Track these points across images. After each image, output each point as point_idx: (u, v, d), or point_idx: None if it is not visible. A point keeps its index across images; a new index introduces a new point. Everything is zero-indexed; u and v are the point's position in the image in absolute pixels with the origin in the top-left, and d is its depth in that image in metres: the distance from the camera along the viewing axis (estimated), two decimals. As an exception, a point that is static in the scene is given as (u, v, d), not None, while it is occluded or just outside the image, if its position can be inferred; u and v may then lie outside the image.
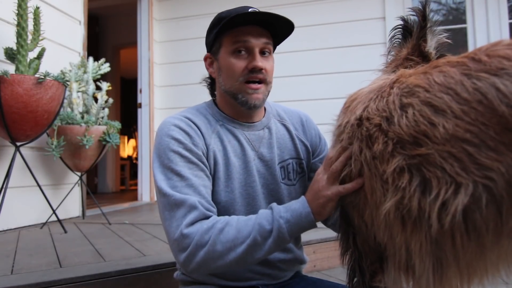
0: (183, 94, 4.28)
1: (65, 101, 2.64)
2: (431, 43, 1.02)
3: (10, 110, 2.14)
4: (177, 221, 0.91)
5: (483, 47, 0.69)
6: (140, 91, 4.32)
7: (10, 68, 2.30)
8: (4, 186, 2.19)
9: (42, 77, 2.21)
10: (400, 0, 3.74)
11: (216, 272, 1.03)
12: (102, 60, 2.99)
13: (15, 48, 2.31)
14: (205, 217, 0.92)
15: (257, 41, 1.02)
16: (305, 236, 1.29)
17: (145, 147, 4.27)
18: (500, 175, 0.61)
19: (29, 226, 2.62)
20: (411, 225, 0.70)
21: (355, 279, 0.91)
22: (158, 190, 0.97)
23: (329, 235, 2.00)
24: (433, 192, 0.66)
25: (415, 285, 0.77)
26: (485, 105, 0.63)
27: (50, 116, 2.34)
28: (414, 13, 1.04)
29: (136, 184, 4.60)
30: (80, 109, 2.79)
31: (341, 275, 1.01)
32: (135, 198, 4.40)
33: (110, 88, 3.02)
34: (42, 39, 2.42)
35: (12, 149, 2.33)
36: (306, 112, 1.25)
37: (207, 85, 1.18)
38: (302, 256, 1.18)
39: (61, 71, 2.76)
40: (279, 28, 1.05)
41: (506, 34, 3.54)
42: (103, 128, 2.76)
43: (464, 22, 3.72)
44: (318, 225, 1.26)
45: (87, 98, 2.83)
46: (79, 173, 2.86)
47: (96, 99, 2.89)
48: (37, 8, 2.38)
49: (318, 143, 1.19)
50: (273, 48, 1.11)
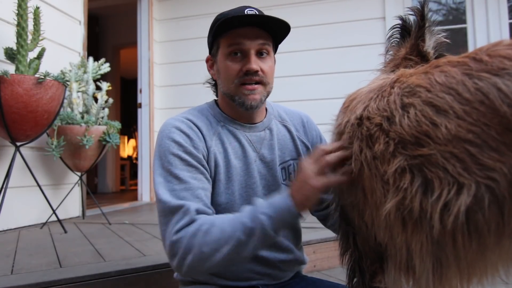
0: (183, 94, 4.28)
1: (65, 101, 2.64)
2: (430, 43, 1.02)
3: (10, 110, 2.14)
4: (170, 227, 0.92)
5: (484, 47, 0.69)
6: (140, 91, 4.32)
7: (10, 68, 2.30)
8: (4, 186, 2.18)
9: (42, 77, 2.21)
10: (400, 0, 3.74)
11: (212, 272, 1.02)
12: (102, 60, 2.99)
13: (15, 48, 2.30)
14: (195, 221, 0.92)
15: (253, 43, 1.01)
16: (305, 236, 1.29)
17: (145, 147, 4.27)
18: (502, 176, 0.61)
19: (29, 226, 2.62)
20: (412, 226, 0.70)
21: (355, 280, 0.90)
22: (155, 195, 0.98)
23: (329, 235, 1.99)
24: (435, 193, 0.66)
25: (415, 285, 0.77)
26: (487, 106, 0.63)
27: (50, 116, 2.34)
28: (413, 13, 1.04)
29: (136, 184, 4.60)
30: (80, 109, 2.78)
31: (341, 275, 1.00)
32: (135, 198, 4.40)
33: (110, 88, 3.02)
34: (42, 39, 2.42)
35: (12, 149, 2.33)
36: (307, 113, 1.25)
37: (211, 86, 1.18)
38: (303, 257, 1.18)
39: (61, 71, 2.76)
40: (275, 29, 1.05)
41: (506, 34, 3.53)
42: (103, 128, 2.75)
43: (464, 22, 3.72)
44: (318, 225, 1.27)
45: (87, 98, 2.82)
46: (79, 173, 2.86)
47: (96, 99, 2.88)
48: (37, 8, 2.38)
49: (319, 144, 1.19)
50: (275, 48, 1.11)
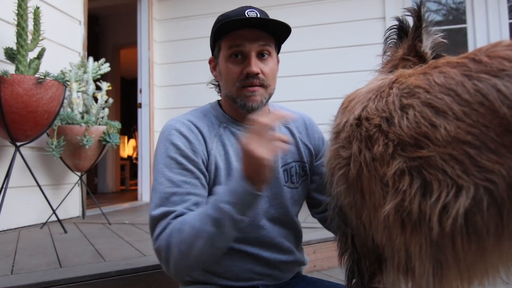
0: (183, 94, 4.28)
1: (65, 101, 2.64)
2: (427, 43, 1.02)
3: (10, 110, 2.14)
4: (153, 237, 0.95)
5: (483, 48, 0.69)
6: (140, 91, 4.32)
7: (10, 68, 2.30)
8: (4, 186, 2.18)
9: (42, 77, 2.21)
10: (400, 0, 3.74)
11: (202, 267, 1.03)
12: (102, 60, 2.98)
13: (15, 48, 2.30)
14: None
15: (253, 45, 1.01)
16: (305, 236, 1.29)
17: (145, 147, 4.27)
18: (501, 178, 0.60)
19: (29, 226, 2.62)
20: (411, 228, 0.70)
21: (354, 280, 0.90)
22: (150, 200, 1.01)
23: (329, 235, 1.97)
24: (434, 195, 0.65)
25: (414, 286, 0.76)
26: (486, 107, 0.62)
27: (50, 116, 2.34)
28: (409, 14, 1.03)
29: (136, 184, 4.60)
30: (80, 109, 2.78)
31: (341, 275, 1.00)
32: (135, 198, 4.40)
33: (110, 88, 3.02)
34: (42, 39, 2.42)
35: (12, 149, 2.33)
36: (309, 115, 1.24)
37: (215, 87, 1.17)
38: (303, 258, 1.18)
39: (61, 71, 2.76)
40: (276, 30, 1.05)
41: (506, 34, 3.53)
42: (103, 128, 2.75)
43: (464, 22, 3.72)
44: (318, 225, 1.27)
45: (87, 98, 2.82)
46: (79, 173, 2.86)
47: (96, 99, 2.88)
48: (37, 8, 2.38)
49: (321, 146, 1.19)
50: (277, 48, 1.10)
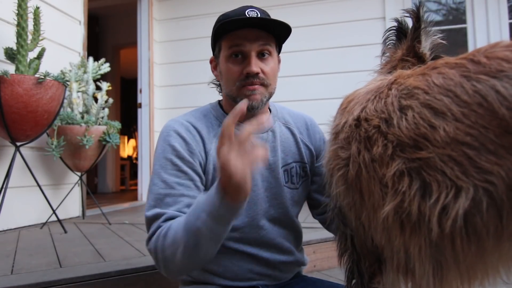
0: (183, 94, 4.28)
1: (65, 101, 2.64)
2: (426, 44, 1.02)
3: (10, 110, 2.14)
4: (147, 237, 0.96)
5: (482, 49, 0.69)
6: (140, 91, 4.32)
7: (10, 68, 2.30)
8: (4, 186, 2.18)
9: (42, 77, 2.21)
10: (400, 0, 3.74)
11: (201, 267, 1.04)
12: (102, 60, 2.98)
13: (15, 48, 2.30)
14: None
15: (253, 45, 1.01)
16: (305, 236, 1.29)
17: (145, 147, 4.27)
18: (500, 179, 0.60)
19: (29, 226, 2.62)
20: (410, 229, 0.70)
21: (354, 281, 0.90)
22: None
23: (329, 235, 1.97)
24: (433, 196, 0.65)
25: (414, 287, 0.77)
26: (485, 108, 0.62)
27: (50, 116, 2.34)
28: (408, 15, 1.03)
29: (136, 184, 4.60)
30: (80, 109, 2.78)
31: (341, 275, 1.00)
32: (135, 198, 4.40)
33: (110, 88, 3.02)
34: (42, 39, 2.42)
35: (12, 149, 2.33)
36: (309, 115, 1.24)
37: (216, 87, 1.17)
38: (303, 258, 1.18)
39: (61, 71, 2.76)
40: (276, 30, 1.04)
41: (506, 34, 3.53)
42: (103, 128, 2.75)
43: (464, 22, 3.72)
44: (318, 225, 1.26)
45: (87, 98, 2.82)
46: (79, 173, 2.86)
47: (96, 99, 2.88)
48: (37, 8, 2.38)
49: (322, 147, 1.18)
50: (278, 48, 1.10)
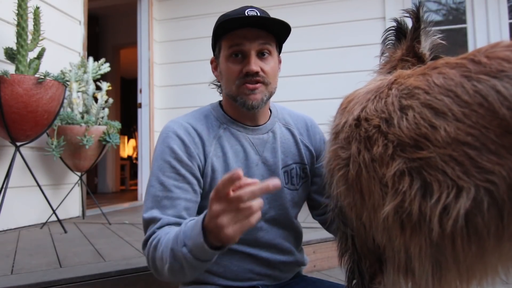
0: (183, 94, 4.28)
1: (65, 101, 2.63)
2: (425, 44, 1.02)
3: (10, 110, 2.14)
4: (143, 240, 0.96)
5: (482, 49, 0.69)
6: (140, 91, 4.32)
7: (10, 68, 2.30)
8: (4, 186, 2.18)
9: (42, 77, 2.21)
10: (400, 0, 3.74)
11: (182, 281, 1.04)
12: (102, 60, 2.98)
13: (15, 48, 2.30)
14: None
15: (253, 44, 1.00)
16: (305, 236, 1.29)
17: (145, 147, 4.27)
18: (502, 179, 0.60)
19: (29, 226, 2.62)
20: (411, 229, 0.70)
21: (354, 281, 0.90)
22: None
23: (329, 235, 1.96)
24: (434, 196, 0.65)
25: (414, 287, 0.77)
26: (486, 108, 0.62)
27: (50, 116, 2.34)
28: (408, 15, 1.03)
29: (136, 184, 4.60)
30: (80, 109, 2.78)
31: (341, 275, 1.00)
32: (135, 198, 4.40)
33: (110, 88, 3.01)
34: (42, 39, 2.42)
35: (12, 149, 2.33)
36: (309, 115, 1.24)
37: (217, 87, 1.17)
38: (303, 259, 1.18)
39: (61, 71, 2.76)
40: (276, 29, 1.04)
41: (506, 34, 3.53)
42: (103, 128, 2.75)
43: (464, 22, 3.72)
44: (318, 225, 1.26)
45: (87, 98, 2.82)
46: (79, 173, 2.86)
47: (96, 99, 2.88)
48: (37, 8, 2.38)
49: (323, 148, 1.17)
50: (279, 47, 1.10)
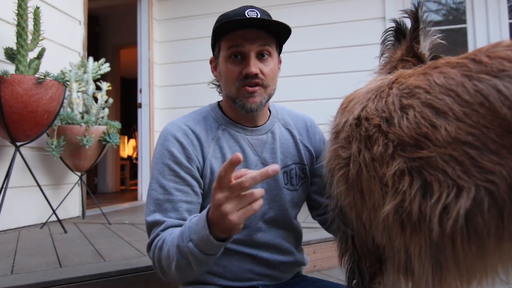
0: (183, 94, 4.28)
1: (65, 101, 2.63)
2: (425, 44, 1.01)
3: (10, 110, 2.14)
4: (147, 243, 0.97)
5: (483, 48, 0.69)
6: (140, 91, 4.32)
7: (10, 68, 2.30)
8: (4, 186, 2.18)
9: (42, 77, 2.21)
10: (400, 0, 3.74)
11: (189, 279, 1.04)
12: (102, 60, 2.98)
13: (15, 48, 2.30)
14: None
15: (252, 45, 1.00)
16: (305, 236, 1.29)
17: (145, 147, 4.27)
18: (502, 179, 0.60)
19: (29, 226, 2.62)
20: (411, 228, 0.69)
21: (354, 281, 0.90)
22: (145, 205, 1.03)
23: (329, 235, 1.97)
24: (435, 196, 0.65)
25: (414, 287, 0.76)
26: (487, 108, 0.62)
27: (50, 116, 2.34)
28: (407, 15, 1.03)
29: (136, 184, 4.60)
30: (80, 109, 2.78)
31: (341, 275, 1.00)
32: (135, 198, 4.40)
33: (110, 88, 3.02)
34: (42, 39, 2.42)
35: (12, 149, 2.33)
36: (309, 115, 1.23)
37: (216, 87, 1.17)
38: (303, 259, 1.18)
39: (61, 71, 2.76)
40: (276, 30, 1.03)
41: (506, 34, 3.53)
42: (103, 128, 2.75)
43: (464, 22, 3.72)
44: (318, 225, 1.26)
45: (87, 98, 2.82)
46: (79, 173, 2.86)
47: (96, 99, 2.88)
48: (37, 8, 2.38)
49: (322, 148, 1.17)
50: (279, 48, 1.09)
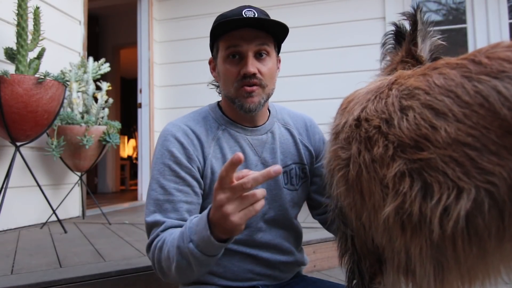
0: (183, 94, 4.28)
1: (65, 101, 2.63)
2: (422, 46, 1.01)
3: (10, 110, 2.14)
4: (147, 244, 0.97)
5: (483, 49, 0.69)
6: (140, 91, 4.32)
7: (10, 68, 2.30)
8: (4, 186, 2.18)
9: (42, 77, 2.21)
10: (400, 0, 3.74)
11: (189, 280, 1.03)
12: (102, 60, 2.98)
13: (15, 48, 2.30)
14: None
15: (250, 45, 0.99)
16: (305, 236, 1.29)
17: (145, 147, 4.27)
18: (502, 180, 0.60)
19: (29, 226, 2.62)
20: (411, 230, 0.69)
21: (354, 281, 0.90)
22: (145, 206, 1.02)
23: (329, 235, 1.97)
24: (435, 197, 0.65)
25: (415, 287, 0.77)
26: (487, 109, 0.62)
27: (50, 116, 2.34)
28: (405, 18, 1.03)
29: (136, 184, 4.60)
30: (80, 109, 2.78)
31: (341, 275, 1.00)
32: (135, 198, 4.40)
33: (110, 88, 3.01)
34: (42, 39, 2.42)
35: (12, 149, 2.33)
36: (309, 115, 1.23)
37: (215, 88, 1.16)
38: (303, 258, 1.18)
39: (61, 71, 2.76)
40: (274, 30, 1.03)
41: (506, 34, 3.53)
42: (103, 128, 2.75)
43: (464, 22, 3.72)
44: (318, 225, 1.26)
45: (87, 98, 2.82)
46: (79, 173, 2.86)
47: (96, 99, 2.88)
48: (37, 8, 2.37)
49: (322, 148, 1.17)
50: (277, 48, 1.09)
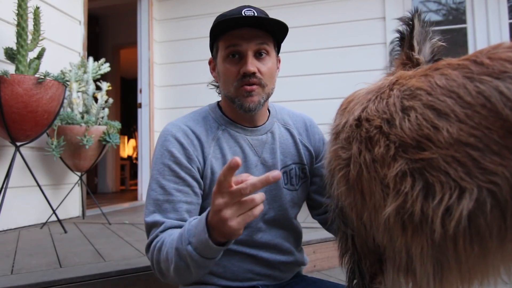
0: (183, 94, 4.28)
1: (65, 101, 2.63)
2: (422, 48, 1.01)
3: (10, 110, 2.14)
4: (146, 244, 0.97)
5: (484, 50, 0.69)
6: (140, 91, 4.31)
7: (10, 68, 2.30)
8: (4, 186, 2.18)
9: (42, 77, 2.21)
10: (400, 0, 3.74)
11: (188, 282, 1.03)
12: (102, 60, 2.98)
13: (15, 48, 2.30)
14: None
15: (250, 44, 0.99)
16: (305, 236, 1.29)
17: (145, 147, 4.27)
18: (505, 180, 0.60)
19: (29, 226, 2.62)
20: (412, 229, 0.69)
21: (355, 281, 0.90)
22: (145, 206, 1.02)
23: (329, 235, 1.97)
24: (437, 197, 0.65)
25: (415, 287, 0.77)
26: (489, 109, 0.62)
27: (50, 116, 2.34)
28: (403, 23, 1.03)
29: (136, 184, 4.60)
30: (80, 109, 2.78)
31: (341, 275, 1.00)
32: (135, 198, 4.40)
33: (110, 88, 3.01)
34: (42, 39, 2.42)
35: (12, 149, 2.33)
36: (309, 115, 1.23)
37: (215, 88, 1.16)
38: (303, 258, 1.18)
39: (61, 71, 2.76)
40: (273, 29, 1.03)
41: (506, 34, 3.53)
42: (103, 128, 2.75)
43: (464, 22, 3.72)
44: (318, 225, 1.26)
45: (87, 98, 2.82)
46: (79, 173, 2.86)
47: (96, 99, 2.88)
48: (37, 8, 2.37)
49: (322, 148, 1.17)
50: (277, 47, 1.09)
